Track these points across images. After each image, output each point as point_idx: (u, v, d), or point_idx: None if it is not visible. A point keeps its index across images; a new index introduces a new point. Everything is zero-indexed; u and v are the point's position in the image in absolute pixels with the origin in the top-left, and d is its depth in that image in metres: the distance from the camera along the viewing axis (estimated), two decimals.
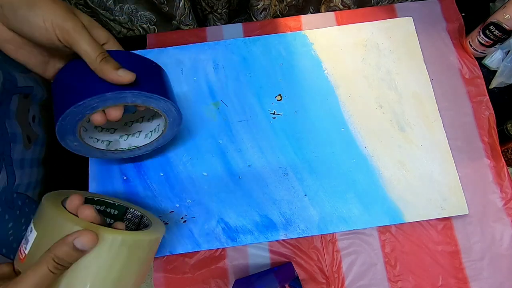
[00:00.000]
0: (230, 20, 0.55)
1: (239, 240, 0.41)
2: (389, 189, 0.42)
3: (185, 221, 0.42)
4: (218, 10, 0.51)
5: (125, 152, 0.38)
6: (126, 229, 0.30)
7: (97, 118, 0.30)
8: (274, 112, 0.45)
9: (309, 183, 0.42)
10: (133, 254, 0.27)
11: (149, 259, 0.29)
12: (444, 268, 0.41)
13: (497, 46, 0.46)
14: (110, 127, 0.38)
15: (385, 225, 0.42)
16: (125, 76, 0.28)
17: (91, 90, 0.28)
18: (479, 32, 0.45)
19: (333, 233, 0.42)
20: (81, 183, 0.44)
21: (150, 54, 0.47)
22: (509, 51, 0.46)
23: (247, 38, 0.48)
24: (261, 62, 0.47)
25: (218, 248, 0.42)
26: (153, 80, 0.31)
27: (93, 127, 0.37)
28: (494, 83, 0.47)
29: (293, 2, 0.52)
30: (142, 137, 0.38)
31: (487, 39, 0.45)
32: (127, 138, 0.39)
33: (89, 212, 0.26)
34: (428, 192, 0.42)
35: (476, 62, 0.48)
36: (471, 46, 0.47)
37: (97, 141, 0.36)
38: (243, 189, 0.42)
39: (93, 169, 0.44)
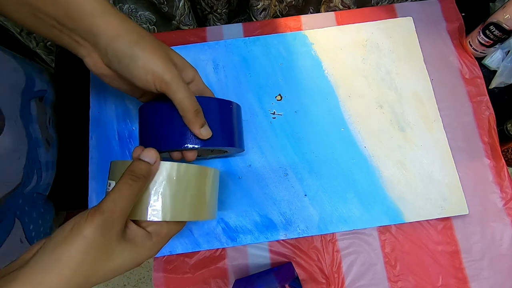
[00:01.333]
0: (230, 20, 0.55)
1: (239, 240, 0.41)
2: (389, 189, 0.42)
3: None
4: (218, 10, 0.51)
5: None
6: None
7: (176, 155, 0.35)
8: (274, 112, 0.45)
9: (309, 183, 0.42)
10: (200, 181, 0.30)
11: (214, 190, 0.33)
12: (444, 268, 0.41)
13: (497, 46, 0.46)
14: None
15: (385, 225, 0.42)
16: (205, 134, 0.33)
17: (172, 143, 0.33)
18: (479, 32, 0.45)
19: (333, 233, 0.42)
20: (81, 183, 0.44)
21: None
22: (509, 51, 0.46)
23: (247, 38, 0.48)
24: (261, 62, 0.47)
25: (218, 248, 0.42)
26: (224, 131, 0.35)
27: None
28: (494, 83, 0.47)
29: (293, 2, 0.52)
30: (206, 150, 0.41)
31: (487, 39, 0.45)
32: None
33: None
34: (428, 192, 0.42)
35: (476, 62, 0.48)
36: (471, 46, 0.47)
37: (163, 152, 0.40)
38: (243, 189, 0.42)
39: (93, 169, 0.44)
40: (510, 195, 0.43)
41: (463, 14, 0.50)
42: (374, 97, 0.46)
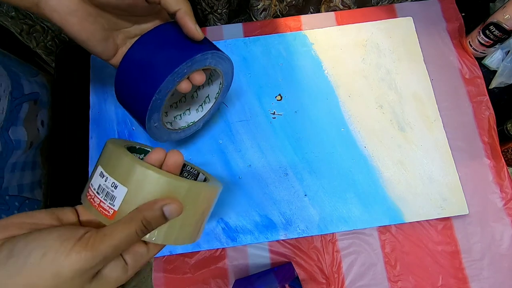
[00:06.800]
0: (230, 20, 0.55)
1: (239, 240, 0.41)
2: (389, 189, 0.42)
3: None
4: (218, 10, 0.51)
5: (185, 130, 0.40)
6: None
7: (184, 85, 0.31)
8: (274, 112, 0.45)
9: (309, 183, 0.42)
10: (204, 202, 0.28)
11: (209, 209, 0.30)
12: (444, 268, 0.41)
13: (497, 46, 0.46)
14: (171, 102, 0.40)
15: (385, 225, 0.42)
16: (201, 32, 0.30)
17: (181, 57, 0.29)
18: (479, 32, 0.45)
19: (333, 233, 0.42)
20: (82, 183, 0.44)
21: None
22: (509, 51, 0.46)
23: (247, 38, 0.48)
24: (261, 62, 0.47)
25: (218, 248, 0.42)
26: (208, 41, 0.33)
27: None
28: (494, 83, 0.47)
29: (293, 2, 0.52)
30: (194, 112, 0.40)
31: (487, 39, 0.45)
32: (181, 117, 0.40)
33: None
34: (428, 192, 0.42)
35: (476, 62, 0.48)
36: (471, 46, 0.47)
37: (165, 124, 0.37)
38: (243, 189, 0.42)
39: None
40: (510, 195, 0.43)
41: (463, 14, 0.50)
42: (374, 97, 0.46)
